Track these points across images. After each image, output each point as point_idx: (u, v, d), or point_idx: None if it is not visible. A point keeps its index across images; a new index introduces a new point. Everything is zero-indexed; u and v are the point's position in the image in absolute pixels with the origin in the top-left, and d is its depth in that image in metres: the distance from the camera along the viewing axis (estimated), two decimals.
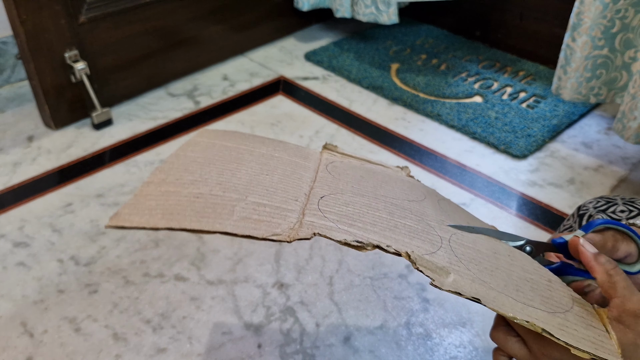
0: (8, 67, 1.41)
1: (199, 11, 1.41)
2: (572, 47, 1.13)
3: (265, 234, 0.40)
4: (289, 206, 0.44)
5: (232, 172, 0.48)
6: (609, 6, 1.05)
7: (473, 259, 0.43)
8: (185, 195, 0.44)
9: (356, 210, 0.46)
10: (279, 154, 0.54)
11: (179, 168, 0.48)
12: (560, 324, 0.39)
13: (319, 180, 0.50)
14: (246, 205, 0.43)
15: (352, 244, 0.41)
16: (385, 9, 1.44)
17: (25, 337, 0.80)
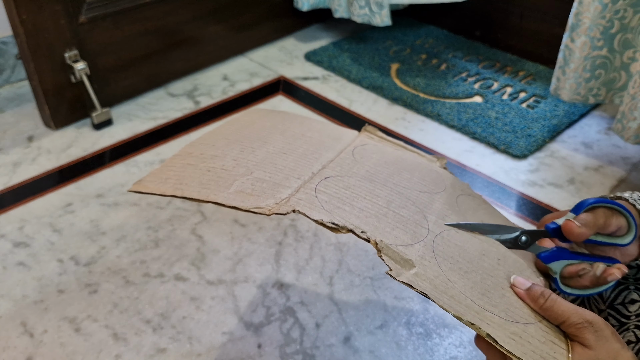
0: (8, 67, 1.41)
1: (199, 11, 1.41)
2: (570, 47, 1.13)
3: (249, 206, 0.44)
4: (288, 183, 0.47)
5: (253, 150, 0.52)
6: (607, 7, 1.05)
7: (451, 257, 0.44)
8: (200, 168, 0.48)
9: (353, 194, 0.48)
10: (311, 134, 0.57)
11: (208, 143, 0.53)
12: (514, 332, 0.40)
13: (337, 161, 0.53)
14: (247, 180, 0.47)
15: (327, 224, 0.43)
16: (378, 10, 1.44)
17: (25, 337, 0.80)
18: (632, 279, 0.53)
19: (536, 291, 0.42)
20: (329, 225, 0.43)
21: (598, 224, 0.47)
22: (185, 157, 0.51)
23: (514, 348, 0.39)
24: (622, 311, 0.51)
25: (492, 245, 0.48)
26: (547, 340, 0.41)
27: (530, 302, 0.43)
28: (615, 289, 0.53)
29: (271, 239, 0.97)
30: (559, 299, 0.41)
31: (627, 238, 0.49)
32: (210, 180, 0.47)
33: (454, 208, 0.52)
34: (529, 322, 0.42)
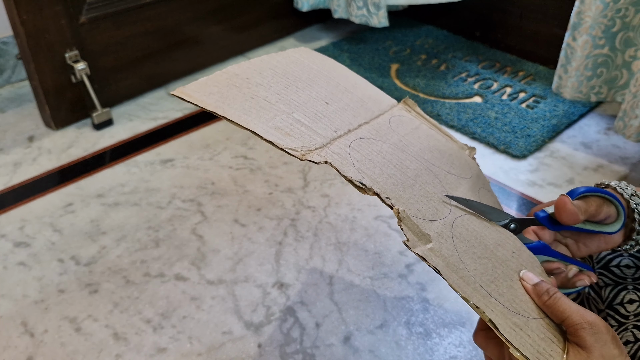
0: (8, 68, 1.41)
1: (199, 12, 1.41)
2: (572, 46, 1.13)
3: (285, 145, 0.43)
4: (325, 133, 0.47)
5: (297, 90, 0.51)
6: (609, 5, 1.06)
7: (467, 240, 0.45)
8: (244, 92, 0.48)
9: (384, 159, 0.48)
10: (354, 90, 0.57)
11: (255, 70, 0.52)
12: (515, 323, 0.40)
13: (373, 124, 0.53)
14: (287, 117, 0.47)
15: (356, 183, 0.43)
16: (375, 11, 1.44)
17: (25, 336, 0.81)
18: (631, 278, 0.53)
19: (542, 287, 0.43)
20: (357, 184, 0.43)
21: (589, 211, 0.47)
22: (232, 77, 0.50)
23: (513, 338, 0.39)
24: (620, 311, 0.51)
25: (509, 238, 0.48)
26: (546, 337, 0.41)
27: (535, 297, 0.43)
28: (614, 288, 0.54)
29: (271, 239, 0.97)
30: (563, 297, 0.42)
31: (615, 226, 0.50)
32: (252, 107, 0.46)
33: (476, 195, 0.52)
34: (532, 317, 0.42)
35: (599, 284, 0.55)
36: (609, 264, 0.56)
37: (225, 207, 1.04)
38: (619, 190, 0.50)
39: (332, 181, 1.10)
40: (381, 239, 0.97)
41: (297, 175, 1.12)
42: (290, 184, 1.10)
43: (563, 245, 0.52)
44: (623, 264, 0.55)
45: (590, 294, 0.56)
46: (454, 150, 0.58)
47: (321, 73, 0.58)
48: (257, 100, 0.48)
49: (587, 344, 0.39)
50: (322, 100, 0.52)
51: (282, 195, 1.07)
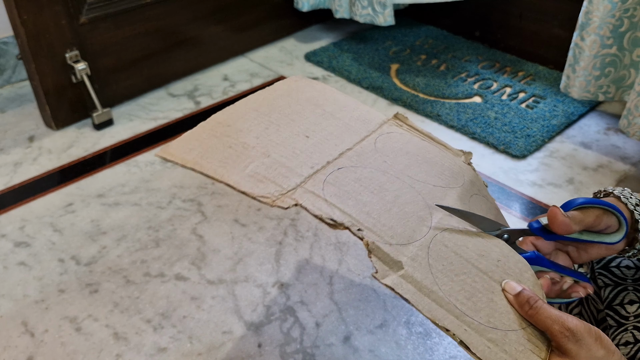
0: (9, 68, 1.41)
1: (199, 12, 1.41)
2: (580, 46, 1.14)
3: (257, 194, 0.45)
4: (300, 170, 0.48)
5: (278, 129, 0.53)
6: (617, 5, 1.06)
7: (445, 258, 0.45)
8: (224, 143, 0.50)
9: (361, 187, 0.48)
10: (341, 114, 0.58)
11: (239, 114, 0.55)
12: (491, 339, 0.41)
13: (356, 149, 0.54)
14: (263, 161, 0.48)
15: (326, 220, 0.44)
16: (381, 10, 1.44)
17: (26, 336, 0.81)
18: (631, 279, 0.53)
19: (523, 297, 0.42)
20: (327, 221, 0.44)
21: (587, 222, 0.47)
22: (214, 126, 0.52)
23: (487, 356, 0.39)
24: (620, 312, 0.51)
25: (496, 245, 0.48)
26: (526, 349, 0.41)
27: (518, 308, 0.43)
28: (614, 289, 0.54)
29: (271, 239, 0.97)
30: (545, 306, 0.41)
31: (616, 236, 0.49)
32: (229, 157, 0.48)
33: (464, 205, 0.52)
34: (511, 329, 0.42)
35: (599, 284, 0.55)
36: (609, 264, 0.56)
37: (226, 207, 1.04)
38: (623, 199, 0.49)
39: None
40: None
41: None
42: None
43: (564, 252, 0.51)
44: (623, 265, 0.55)
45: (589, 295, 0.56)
46: (446, 159, 0.58)
47: (308, 102, 0.59)
48: (235, 148, 0.49)
49: (571, 352, 0.39)
50: (302, 135, 0.53)
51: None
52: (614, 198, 0.50)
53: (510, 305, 0.43)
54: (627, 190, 0.50)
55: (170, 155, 0.48)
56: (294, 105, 0.57)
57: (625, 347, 0.48)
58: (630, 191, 0.50)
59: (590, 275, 0.58)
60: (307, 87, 0.62)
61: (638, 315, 0.50)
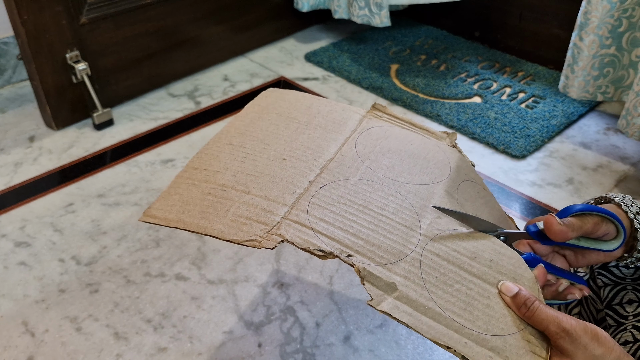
0: (9, 68, 1.41)
1: (199, 12, 1.41)
2: (579, 46, 1.14)
3: (242, 239, 0.45)
4: (283, 200, 0.48)
5: (254, 158, 0.53)
6: (616, 5, 1.06)
7: (437, 270, 0.45)
8: (202, 190, 0.50)
9: (346, 205, 0.48)
10: (317, 122, 0.58)
11: (213, 154, 0.54)
12: (492, 348, 0.41)
13: (337, 159, 0.53)
14: (243, 203, 0.48)
15: (315, 252, 0.44)
16: (377, 11, 1.45)
17: (26, 336, 0.81)
18: (630, 279, 0.54)
19: (520, 299, 0.43)
20: (316, 253, 0.44)
21: (584, 229, 0.47)
22: (191, 174, 0.52)
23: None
24: (619, 311, 0.51)
25: (486, 244, 0.48)
26: (527, 351, 0.41)
27: (515, 309, 0.43)
28: (613, 289, 0.54)
29: None
30: (542, 306, 0.42)
31: (614, 244, 0.49)
32: (210, 206, 0.48)
33: (453, 198, 0.52)
34: (511, 333, 0.42)
35: (598, 283, 0.55)
36: (608, 264, 0.56)
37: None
38: (624, 207, 0.49)
39: None
40: None
41: None
42: None
43: (561, 255, 0.51)
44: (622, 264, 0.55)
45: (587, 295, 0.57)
46: (429, 148, 0.57)
47: (281, 117, 0.58)
48: (214, 194, 0.49)
49: (569, 352, 0.40)
50: (279, 158, 0.53)
51: None
52: (614, 205, 0.50)
53: (507, 308, 0.43)
54: (628, 198, 0.50)
55: (154, 218, 0.48)
56: (266, 127, 0.57)
57: (625, 346, 0.48)
58: (631, 198, 0.50)
59: (590, 275, 0.58)
60: (278, 100, 0.62)
61: (637, 315, 0.50)
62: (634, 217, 0.49)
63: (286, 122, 0.58)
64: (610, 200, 0.51)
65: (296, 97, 0.63)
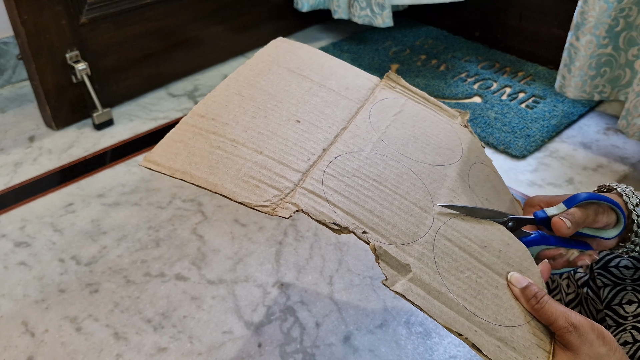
0: (9, 68, 1.41)
1: (199, 12, 1.41)
2: (576, 46, 1.14)
3: (256, 203, 0.42)
4: (297, 166, 0.46)
5: (266, 116, 0.50)
6: (613, 5, 1.06)
7: (449, 255, 0.44)
8: (210, 141, 0.46)
9: (361, 179, 0.46)
10: (330, 84, 0.55)
11: (221, 102, 0.51)
12: (500, 338, 0.41)
13: (351, 129, 0.51)
14: (256, 161, 0.45)
15: (330, 225, 0.43)
16: (379, 11, 1.45)
17: (26, 336, 0.81)
18: (630, 279, 0.54)
19: (530, 292, 0.43)
20: (332, 227, 0.43)
21: (587, 222, 0.48)
22: (197, 121, 0.48)
23: (498, 356, 0.40)
24: (619, 312, 0.52)
25: (496, 233, 0.48)
26: (532, 344, 0.41)
27: (524, 301, 0.43)
28: (613, 289, 0.54)
29: (271, 239, 0.97)
30: (551, 300, 0.42)
31: (612, 232, 0.50)
32: (219, 162, 0.45)
33: (464, 182, 0.51)
34: (518, 324, 0.42)
35: (598, 284, 0.55)
36: (608, 264, 0.56)
37: (226, 207, 1.04)
38: (625, 198, 0.50)
39: None
40: None
41: None
42: None
43: None
44: (622, 265, 0.55)
45: (588, 294, 0.57)
46: (442, 127, 0.56)
47: (293, 74, 0.55)
48: (224, 148, 0.46)
49: (574, 347, 0.40)
50: (292, 120, 0.50)
51: None
52: (616, 194, 0.51)
53: (514, 299, 0.44)
54: (629, 189, 0.51)
55: (156, 164, 0.44)
56: (277, 82, 0.53)
57: (624, 347, 0.48)
58: (632, 189, 0.51)
59: (589, 276, 0.58)
60: (289, 54, 0.58)
61: (637, 315, 0.50)
62: (633, 208, 0.50)
63: (298, 80, 0.54)
64: (613, 189, 0.51)
65: (308, 53, 0.59)
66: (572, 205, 0.48)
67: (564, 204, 0.49)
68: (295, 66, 0.56)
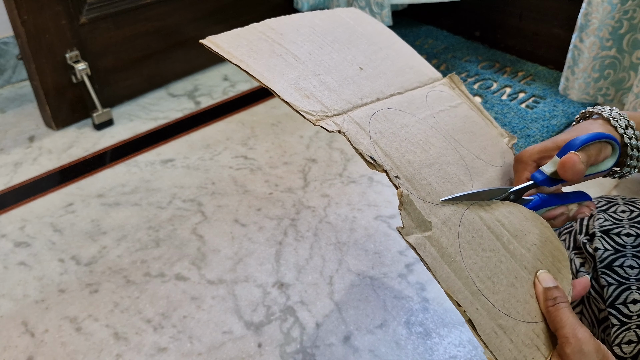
0: (9, 68, 1.41)
1: (199, 12, 1.41)
2: (579, 47, 1.14)
3: (301, 107, 0.42)
4: (349, 98, 0.45)
5: (332, 51, 0.50)
6: (616, 7, 1.06)
7: (476, 230, 0.43)
8: (274, 48, 0.47)
9: (407, 134, 0.45)
10: (396, 58, 0.56)
11: (293, 26, 0.51)
12: (500, 325, 0.39)
13: (407, 95, 0.51)
14: (312, 78, 0.46)
15: (365, 157, 0.41)
16: (378, 11, 1.45)
17: (26, 336, 0.81)
18: (634, 279, 0.54)
19: (552, 294, 0.41)
20: (367, 159, 0.41)
21: (590, 162, 0.46)
22: (266, 30, 0.49)
23: (491, 341, 0.38)
24: (623, 311, 0.51)
25: (537, 227, 0.46)
26: (533, 344, 0.40)
27: (542, 300, 0.42)
28: (617, 288, 0.54)
29: (271, 239, 0.97)
30: (568, 309, 0.41)
31: (609, 163, 0.48)
32: (278, 65, 0.45)
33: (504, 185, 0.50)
34: (524, 320, 0.41)
35: (602, 283, 0.55)
36: (612, 264, 0.56)
37: (226, 207, 1.04)
38: (612, 122, 0.48)
39: (332, 181, 1.11)
40: (381, 238, 0.97)
41: (297, 175, 1.12)
42: (290, 184, 1.10)
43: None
44: (626, 265, 0.55)
45: (590, 294, 0.57)
46: (491, 136, 0.55)
47: (364, 36, 0.56)
48: (285, 58, 0.46)
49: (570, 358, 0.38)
50: (356, 65, 0.50)
51: (282, 195, 1.07)
52: (602, 121, 0.49)
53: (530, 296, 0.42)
54: (615, 111, 0.49)
55: (217, 46, 0.46)
56: (350, 34, 0.54)
57: (629, 345, 0.48)
58: (618, 110, 0.49)
59: (593, 275, 0.58)
60: (364, 22, 0.59)
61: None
62: (623, 132, 0.48)
63: (368, 44, 0.55)
64: (595, 113, 0.50)
65: (383, 29, 0.60)
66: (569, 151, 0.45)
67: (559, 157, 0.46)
68: (368, 33, 0.57)
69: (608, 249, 0.54)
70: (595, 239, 0.56)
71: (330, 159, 1.17)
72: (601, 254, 0.56)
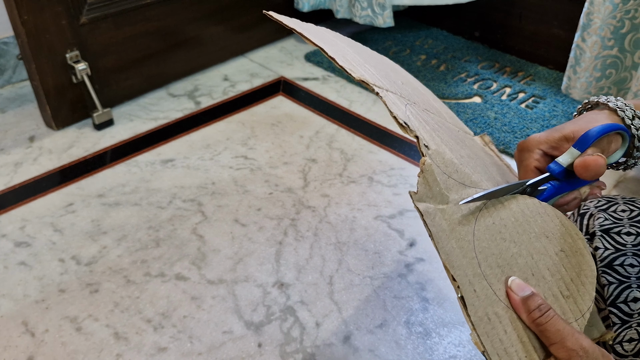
0: (9, 68, 1.41)
1: (199, 12, 1.41)
2: (581, 47, 1.14)
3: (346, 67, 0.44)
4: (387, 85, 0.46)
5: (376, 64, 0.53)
6: (618, 6, 1.06)
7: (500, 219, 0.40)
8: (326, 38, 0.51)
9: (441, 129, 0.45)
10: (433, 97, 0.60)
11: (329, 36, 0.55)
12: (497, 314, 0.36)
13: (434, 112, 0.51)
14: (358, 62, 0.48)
15: (400, 121, 0.39)
16: (380, 11, 1.45)
17: (26, 336, 0.81)
18: (635, 277, 0.54)
19: (534, 302, 0.37)
20: (401, 122, 0.39)
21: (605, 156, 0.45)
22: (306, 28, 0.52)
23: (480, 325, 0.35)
24: (624, 309, 0.52)
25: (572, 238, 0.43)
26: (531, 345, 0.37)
27: (524, 312, 0.37)
28: (618, 287, 0.54)
29: (271, 239, 0.97)
30: (557, 317, 0.37)
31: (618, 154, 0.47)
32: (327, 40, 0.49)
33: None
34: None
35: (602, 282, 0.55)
36: (613, 262, 0.56)
37: (226, 207, 1.04)
38: (619, 113, 0.47)
39: (332, 181, 1.11)
40: (381, 238, 0.97)
41: (297, 175, 1.12)
42: (290, 184, 1.10)
43: None
44: (627, 263, 0.55)
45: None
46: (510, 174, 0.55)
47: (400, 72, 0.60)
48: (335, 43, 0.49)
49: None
50: (399, 81, 0.51)
51: (282, 195, 1.07)
52: (608, 111, 0.48)
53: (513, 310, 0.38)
54: (620, 101, 0.48)
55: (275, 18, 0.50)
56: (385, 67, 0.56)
57: (630, 343, 0.48)
58: (624, 100, 0.48)
59: None
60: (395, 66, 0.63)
61: None
62: (630, 122, 0.47)
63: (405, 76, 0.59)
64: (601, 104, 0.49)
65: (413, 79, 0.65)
66: (586, 146, 0.44)
67: (576, 148, 0.44)
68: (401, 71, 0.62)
69: (608, 249, 0.54)
70: (595, 238, 0.56)
71: (330, 159, 1.17)
72: (601, 254, 0.56)
